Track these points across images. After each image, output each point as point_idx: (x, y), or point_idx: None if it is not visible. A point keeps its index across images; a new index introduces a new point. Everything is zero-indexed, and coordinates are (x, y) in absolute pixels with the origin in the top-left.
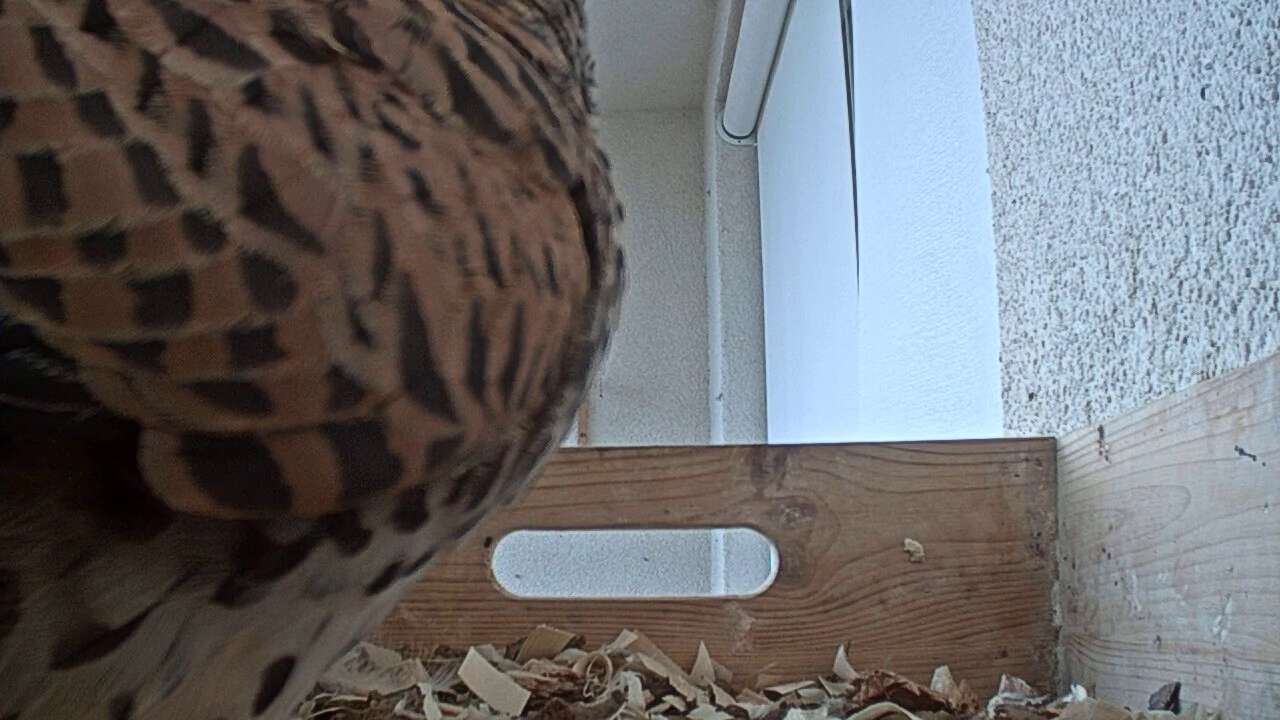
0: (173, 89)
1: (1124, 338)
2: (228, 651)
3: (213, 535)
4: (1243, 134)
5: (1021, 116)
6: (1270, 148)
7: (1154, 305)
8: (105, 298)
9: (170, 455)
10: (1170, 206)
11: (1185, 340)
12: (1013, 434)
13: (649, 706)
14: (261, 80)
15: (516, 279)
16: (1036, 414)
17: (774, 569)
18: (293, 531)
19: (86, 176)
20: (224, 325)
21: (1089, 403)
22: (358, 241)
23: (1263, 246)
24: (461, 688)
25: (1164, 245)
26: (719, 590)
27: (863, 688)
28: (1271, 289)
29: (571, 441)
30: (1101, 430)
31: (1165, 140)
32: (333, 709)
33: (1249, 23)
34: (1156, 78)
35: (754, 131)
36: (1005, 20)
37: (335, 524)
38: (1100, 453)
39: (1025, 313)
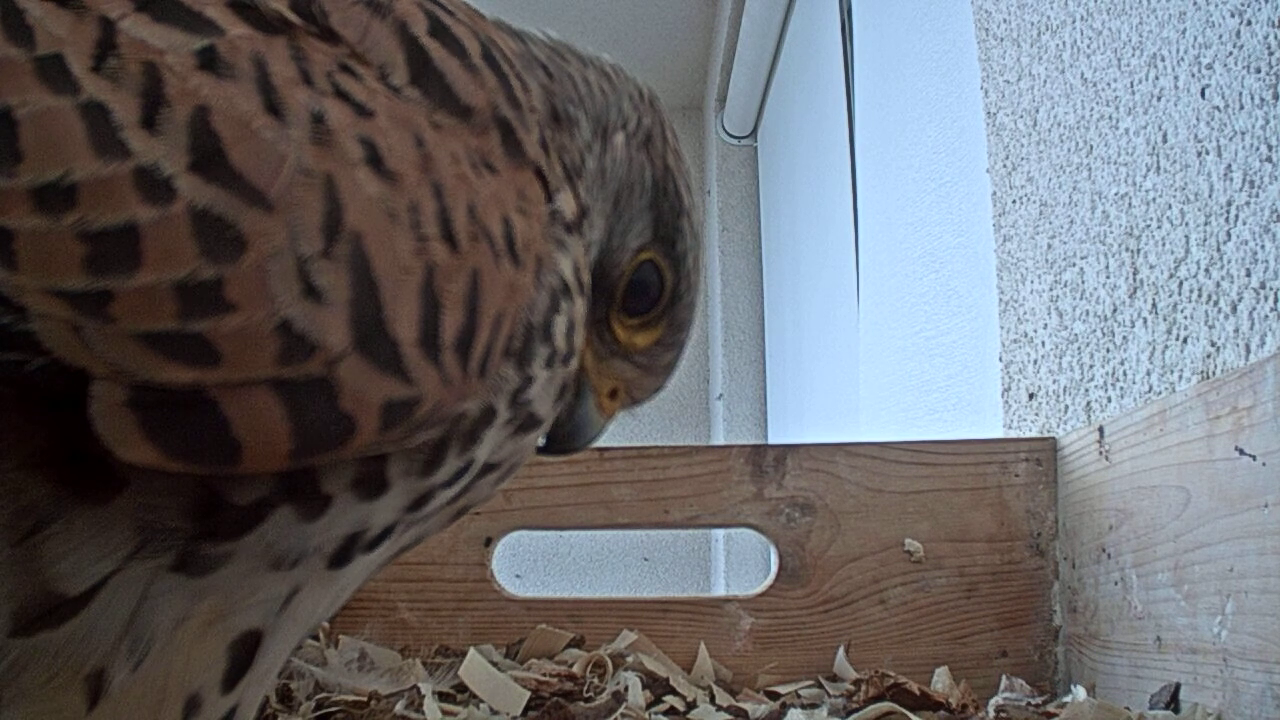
0: (128, 52)
1: (1124, 338)
2: (192, 624)
3: (170, 499)
4: (1243, 134)
5: (1021, 116)
6: (1270, 148)
7: (1154, 305)
8: (56, 247)
9: (119, 406)
10: (1170, 206)
11: (1185, 340)
12: (1013, 434)
13: (649, 706)
14: (215, 46)
15: (473, 246)
16: (1036, 414)
17: (774, 569)
18: (251, 492)
19: (41, 131)
20: (172, 277)
21: (1089, 403)
22: (307, 201)
23: (1263, 246)
24: (461, 688)
25: (1164, 245)
26: (719, 590)
27: (863, 688)
28: (1271, 289)
29: None
30: (1101, 430)
31: (1165, 140)
32: (333, 709)
33: (1249, 23)
34: (1156, 78)
35: (754, 131)
36: (1005, 20)
37: (294, 487)
38: (1100, 453)
39: (1025, 313)
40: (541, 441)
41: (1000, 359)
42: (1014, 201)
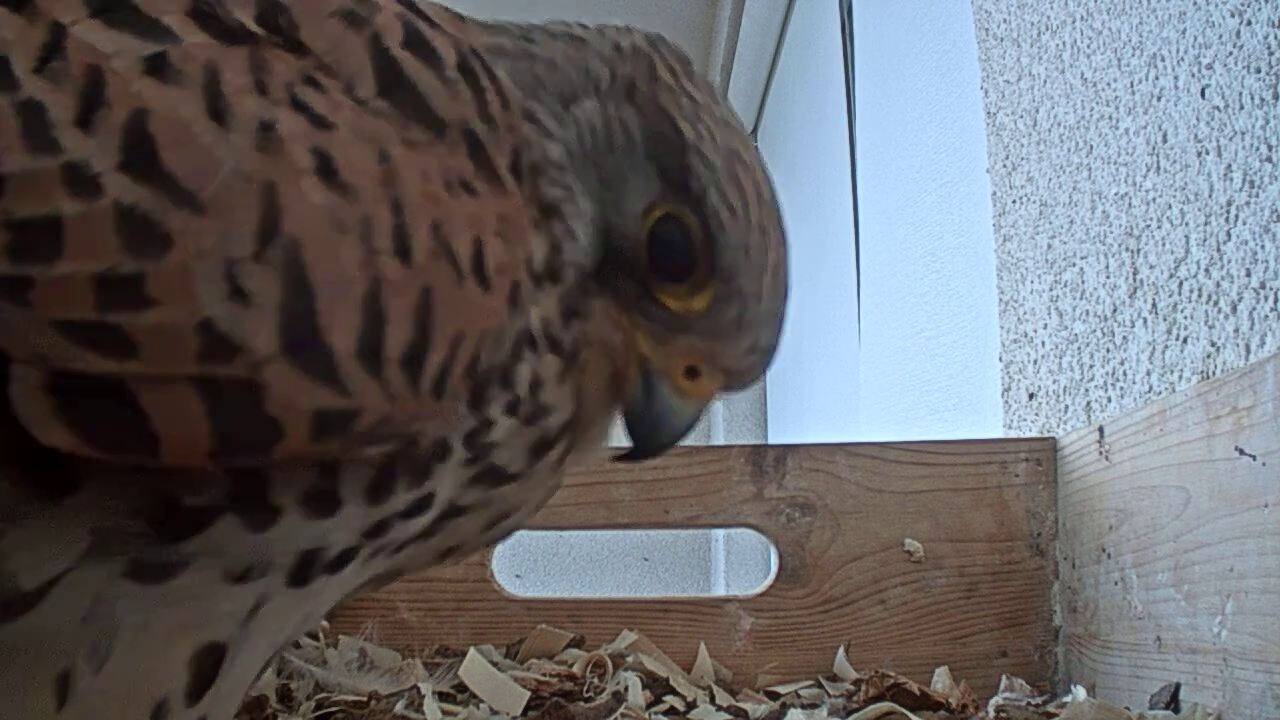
0: (74, 55)
1: (1124, 338)
2: (154, 632)
3: (119, 501)
4: (1243, 134)
5: (1021, 116)
6: (1270, 148)
7: (1154, 305)
8: None
9: (36, 390)
10: (1170, 206)
11: (1185, 340)
12: (1013, 434)
13: (649, 706)
14: (166, 53)
15: (432, 263)
16: (1036, 414)
17: (774, 569)
18: (198, 497)
19: None
20: (92, 268)
21: (1089, 403)
22: (242, 205)
23: (1263, 246)
24: (461, 688)
25: (1164, 245)
26: (719, 590)
27: (863, 688)
28: (1271, 289)
29: None
30: (1101, 430)
31: (1165, 140)
32: (333, 709)
33: (1249, 23)
34: (1156, 78)
35: (754, 131)
36: (1005, 20)
37: (241, 495)
38: (1100, 453)
39: (1025, 313)
40: (627, 445)
41: (1000, 359)
42: (1014, 201)
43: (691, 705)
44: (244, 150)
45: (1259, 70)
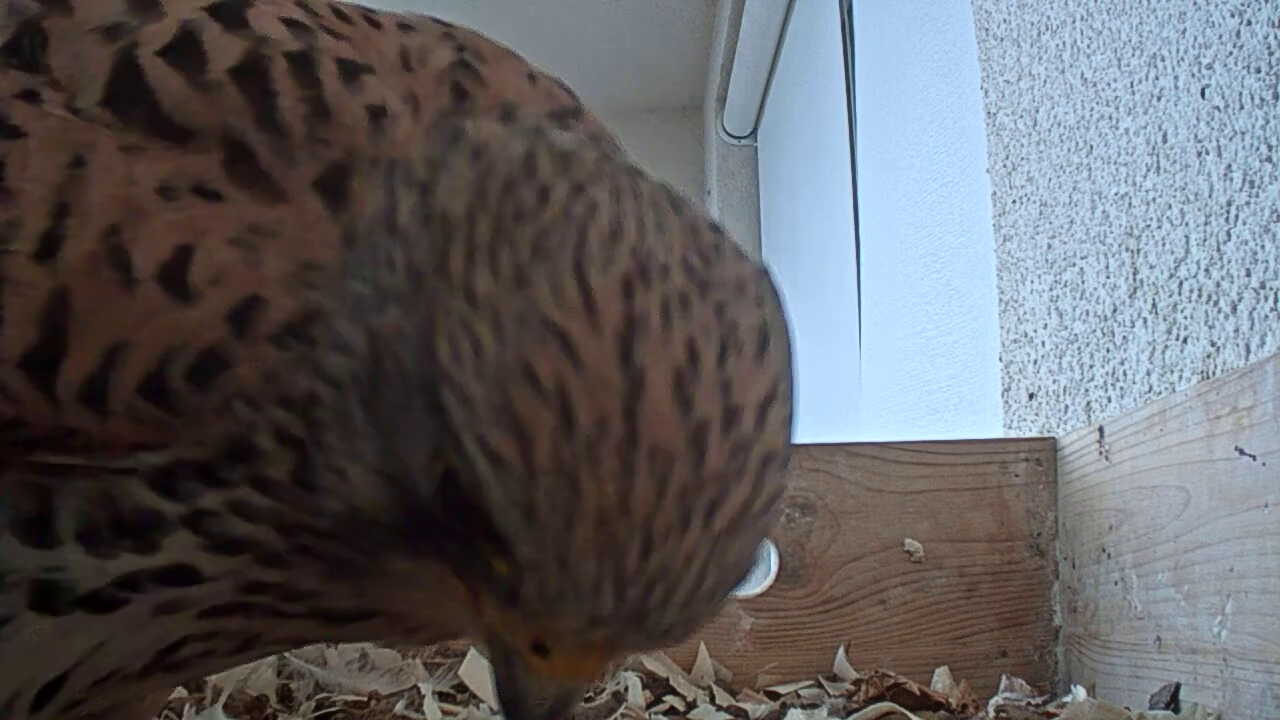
0: None
1: (1124, 338)
2: None
3: None
4: (1243, 134)
5: (1021, 116)
6: (1270, 148)
7: (1154, 305)
8: None
9: None
10: (1170, 206)
11: (1185, 340)
12: (1013, 434)
13: (649, 706)
14: None
15: (85, 267)
16: (1036, 414)
17: (774, 569)
18: None
19: None
20: None
21: (1089, 403)
22: None
23: (1263, 246)
24: (461, 688)
25: (1164, 245)
26: None
27: (863, 688)
28: (1271, 289)
29: None
30: (1101, 430)
31: (1165, 140)
32: (333, 709)
33: (1249, 23)
34: (1156, 78)
35: (754, 131)
36: (1005, 20)
37: None
38: (1100, 453)
39: (1025, 313)
40: None
41: (1000, 359)
42: (1014, 201)
43: (691, 705)
44: None
45: (1259, 70)
